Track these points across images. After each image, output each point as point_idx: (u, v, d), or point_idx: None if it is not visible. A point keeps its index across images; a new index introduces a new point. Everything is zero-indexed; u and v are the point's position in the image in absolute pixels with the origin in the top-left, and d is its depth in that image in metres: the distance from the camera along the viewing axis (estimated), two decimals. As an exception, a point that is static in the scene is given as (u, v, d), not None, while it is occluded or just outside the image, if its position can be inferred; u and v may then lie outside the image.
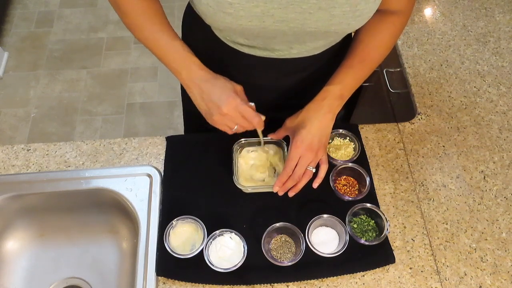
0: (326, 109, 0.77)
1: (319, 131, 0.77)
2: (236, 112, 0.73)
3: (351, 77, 0.78)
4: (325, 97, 0.78)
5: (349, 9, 0.63)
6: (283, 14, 0.64)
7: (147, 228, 0.83)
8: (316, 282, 0.78)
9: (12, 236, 0.95)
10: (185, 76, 0.74)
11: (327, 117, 0.78)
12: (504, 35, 1.16)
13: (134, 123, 2.17)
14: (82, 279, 0.95)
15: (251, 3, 0.62)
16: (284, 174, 0.78)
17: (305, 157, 0.77)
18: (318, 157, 0.79)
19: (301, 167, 0.78)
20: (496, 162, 0.93)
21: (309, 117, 0.78)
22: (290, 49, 0.76)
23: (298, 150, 0.77)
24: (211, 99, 0.73)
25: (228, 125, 0.76)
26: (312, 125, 0.77)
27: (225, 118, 0.74)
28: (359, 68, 0.79)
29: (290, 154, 0.78)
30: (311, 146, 0.77)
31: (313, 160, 0.78)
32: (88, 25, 2.56)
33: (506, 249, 0.82)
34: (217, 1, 0.62)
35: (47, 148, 0.94)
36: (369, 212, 0.82)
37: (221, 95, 0.73)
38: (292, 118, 0.81)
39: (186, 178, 0.89)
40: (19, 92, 2.28)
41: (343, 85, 0.78)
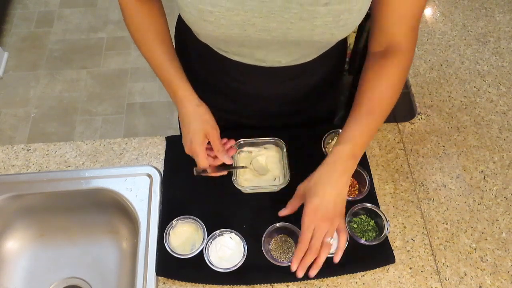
0: (340, 172, 0.70)
1: (333, 198, 0.70)
2: (195, 152, 0.79)
3: (360, 134, 0.72)
4: (336, 160, 0.71)
5: (332, 19, 0.62)
6: (264, 23, 0.63)
7: (147, 228, 0.83)
8: (316, 282, 0.78)
9: (12, 236, 0.95)
10: (179, 110, 0.81)
11: (341, 181, 0.71)
12: (504, 35, 1.16)
13: (134, 123, 2.17)
14: (82, 279, 0.95)
15: (231, 11, 0.61)
16: (300, 249, 0.71)
17: (320, 227, 0.70)
18: (334, 226, 0.71)
19: (318, 240, 0.70)
20: (496, 162, 0.93)
21: (322, 183, 0.70)
22: (278, 58, 0.75)
23: (312, 220, 0.69)
24: (184, 135, 0.82)
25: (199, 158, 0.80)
26: (325, 191, 0.70)
27: (190, 153, 0.81)
28: (368, 122, 0.72)
29: (304, 226, 0.70)
30: (326, 215, 0.69)
31: (330, 230, 0.71)
32: (88, 25, 2.56)
33: (506, 249, 0.82)
34: (198, 10, 0.62)
35: (47, 148, 0.94)
36: (369, 212, 0.82)
37: (190, 139, 0.80)
38: (304, 183, 0.74)
39: (186, 178, 0.89)
40: (19, 92, 2.28)
41: (353, 143, 0.71)
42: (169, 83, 0.80)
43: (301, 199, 0.75)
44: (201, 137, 0.79)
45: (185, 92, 0.80)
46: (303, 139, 0.93)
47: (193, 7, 0.62)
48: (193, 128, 0.80)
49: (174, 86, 0.79)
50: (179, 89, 0.79)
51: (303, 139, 0.93)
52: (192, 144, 0.79)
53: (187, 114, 0.80)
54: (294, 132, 0.93)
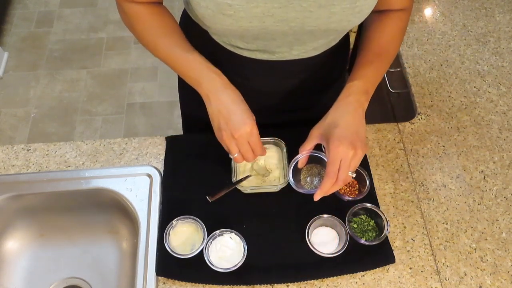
0: (355, 104, 0.71)
1: (355, 126, 0.70)
2: (246, 141, 0.71)
3: (372, 71, 0.74)
4: (350, 93, 0.72)
5: (349, 6, 0.63)
6: (283, 14, 0.64)
7: (147, 228, 0.83)
8: (316, 282, 0.78)
9: (12, 236, 0.95)
10: (205, 86, 0.71)
11: (358, 112, 0.71)
12: (504, 35, 1.16)
13: (134, 123, 2.17)
14: (82, 279, 0.95)
15: (251, 3, 0.61)
16: (327, 181, 0.69)
17: (347, 158, 0.68)
18: (358, 156, 0.69)
19: (345, 171, 0.68)
20: (496, 162, 0.93)
21: (340, 115, 0.71)
22: (290, 50, 0.76)
23: (339, 149, 0.67)
24: (229, 117, 0.70)
25: (231, 149, 0.73)
26: (347, 121, 0.70)
27: (233, 142, 0.72)
28: (378, 62, 0.76)
29: (330, 158, 0.68)
30: (352, 143, 0.68)
31: (354, 159, 0.69)
32: (88, 25, 2.56)
33: (506, 249, 0.82)
34: (217, 3, 0.62)
35: (47, 148, 0.94)
36: (369, 212, 0.82)
37: (241, 117, 0.70)
38: (319, 124, 0.74)
39: (186, 178, 0.89)
40: (19, 92, 2.28)
41: (366, 79, 0.73)
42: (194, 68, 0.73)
43: (316, 139, 0.74)
44: (253, 122, 0.71)
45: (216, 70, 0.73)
46: (303, 139, 0.93)
47: (211, 2, 0.62)
48: (242, 108, 0.71)
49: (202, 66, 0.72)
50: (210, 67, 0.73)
51: (303, 139, 0.93)
52: (247, 126, 0.70)
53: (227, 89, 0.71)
54: (294, 132, 0.93)
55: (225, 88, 0.72)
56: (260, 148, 0.74)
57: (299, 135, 0.93)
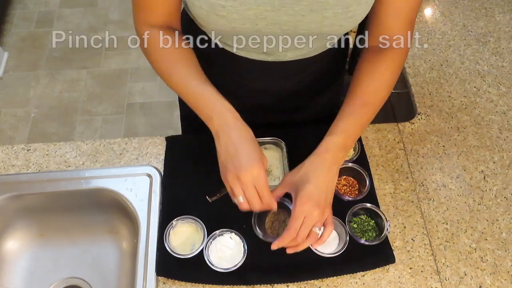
0: (331, 161, 0.69)
1: (325, 186, 0.68)
2: (252, 185, 0.66)
3: (353, 125, 0.71)
4: (327, 149, 0.70)
5: (341, 11, 0.63)
6: (275, 17, 0.64)
7: (147, 228, 0.83)
8: (316, 282, 0.78)
9: (12, 236, 0.95)
10: (217, 122, 0.68)
11: (332, 171, 0.69)
12: (504, 35, 1.16)
13: (134, 123, 2.17)
14: (82, 279, 0.95)
15: (244, 5, 0.61)
16: (287, 234, 0.67)
17: (311, 215, 0.67)
18: (324, 216, 0.69)
19: (306, 228, 0.67)
20: (496, 162, 0.93)
21: (314, 170, 0.69)
22: (285, 52, 0.76)
23: (304, 207, 0.66)
24: (236, 156, 0.66)
25: (235, 192, 0.68)
26: (318, 179, 0.68)
27: (238, 184, 0.67)
28: (361, 114, 0.72)
29: (295, 213, 0.67)
30: (319, 203, 0.67)
31: (320, 219, 0.68)
32: (88, 25, 2.56)
33: (506, 249, 0.82)
34: (210, 4, 0.62)
35: (47, 148, 0.94)
36: (369, 212, 0.82)
37: (249, 158, 0.66)
38: (293, 173, 0.72)
39: (186, 178, 0.89)
40: (19, 92, 2.28)
41: (346, 134, 0.70)
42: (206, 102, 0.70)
43: (287, 188, 0.72)
44: (261, 164, 0.67)
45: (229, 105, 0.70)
46: (303, 139, 0.93)
47: (205, 2, 0.62)
48: (251, 148, 0.67)
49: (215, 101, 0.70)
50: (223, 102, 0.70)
51: (303, 139, 0.93)
52: (253, 168, 0.66)
53: (238, 128, 0.68)
54: (294, 132, 0.93)
55: (235, 126, 0.69)
56: (268, 196, 0.68)
57: (299, 135, 0.93)
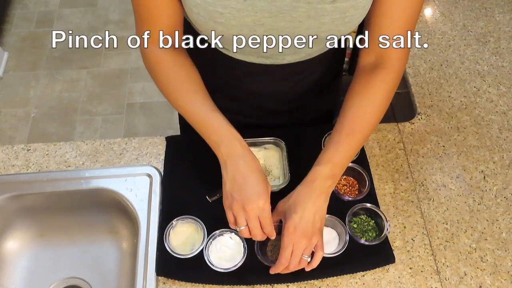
0: (318, 191, 0.70)
1: (312, 215, 0.69)
2: (256, 216, 0.68)
3: (340, 154, 0.71)
4: (315, 179, 0.70)
5: (338, 16, 0.63)
6: (273, 23, 0.64)
7: (147, 228, 0.83)
8: (316, 282, 0.78)
9: (12, 236, 0.95)
10: (225, 151, 0.69)
11: (319, 200, 0.70)
12: (504, 35, 1.16)
13: (134, 123, 2.17)
14: (82, 279, 0.95)
15: (242, 12, 0.61)
16: (279, 265, 0.71)
17: (299, 244, 0.69)
18: (312, 243, 0.70)
19: (296, 257, 0.70)
20: (496, 162, 0.93)
21: (300, 201, 0.70)
22: (283, 56, 0.76)
23: (291, 237, 0.69)
24: (243, 187, 0.68)
25: (239, 222, 0.69)
26: (305, 210, 0.69)
27: (242, 215, 0.69)
28: (348, 143, 0.72)
29: (284, 243, 0.70)
30: (305, 232, 0.69)
31: (308, 247, 0.70)
32: (88, 25, 2.56)
33: (506, 249, 0.82)
34: (208, 11, 0.62)
35: (47, 148, 0.94)
36: (369, 212, 0.82)
37: (256, 189, 0.67)
38: (284, 201, 0.74)
39: (186, 178, 0.89)
40: (19, 92, 2.28)
41: (333, 164, 0.71)
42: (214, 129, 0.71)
43: (280, 216, 0.74)
44: (267, 196, 0.69)
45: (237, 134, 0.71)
46: (303, 139, 0.93)
47: (202, 9, 0.62)
48: (258, 179, 0.68)
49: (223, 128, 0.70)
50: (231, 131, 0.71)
51: (303, 139, 0.93)
52: (260, 200, 0.67)
53: (245, 158, 0.69)
54: (294, 132, 0.93)
55: (244, 155, 0.69)
56: (270, 226, 0.71)
57: (299, 135, 0.93)
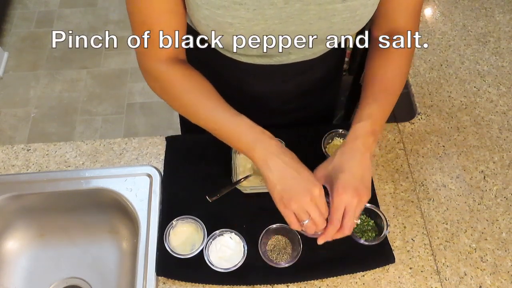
0: (362, 148, 0.68)
1: (361, 172, 0.67)
2: (316, 206, 0.66)
3: (378, 110, 0.70)
4: (357, 136, 0.68)
5: (349, 15, 0.63)
6: (283, 28, 0.64)
7: (147, 228, 0.83)
8: (316, 282, 0.78)
9: (12, 236, 0.95)
10: (262, 151, 0.66)
11: (365, 157, 0.68)
12: (504, 35, 1.16)
13: (134, 123, 2.17)
14: (82, 279, 0.95)
15: (252, 22, 0.61)
16: (332, 228, 0.66)
17: (352, 204, 0.66)
18: (363, 202, 0.67)
19: (351, 217, 0.66)
20: (496, 162, 0.93)
21: (347, 159, 0.68)
22: (288, 55, 0.76)
23: (343, 197, 0.65)
24: (295, 182, 0.65)
25: (302, 217, 0.66)
26: (352, 166, 0.67)
27: (304, 207, 0.65)
28: (384, 98, 0.71)
29: (334, 204, 0.66)
30: (357, 190, 0.66)
31: (359, 207, 0.67)
32: (88, 25, 2.56)
33: (506, 249, 0.82)
34: (217, 22, 0.61)
35: (47, 148, 0.94)
36: (368, 212, 0.82)
37: (309, 180, 0.66)
38: (324, 165, 0.71)
39: (186, 178, 0.89)
40: (19, 92, 2.28)
41: (373, 119, 0.69)
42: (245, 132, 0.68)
43: (321, 181, 0.70)
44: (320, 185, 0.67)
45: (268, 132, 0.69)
46: (303, 139, 0.93)
47: (212, 20, 0.61)
48: (307, 172, 0.66)
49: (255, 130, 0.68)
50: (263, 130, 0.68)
51: (303, 139, 0.93)
52: (316, 187, 0.65)
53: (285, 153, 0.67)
54: (294, 132, 0.93)
55: (282, 151, 0.67)
56: (326, 210, 0.68)
57: (299, 135, 0.93)
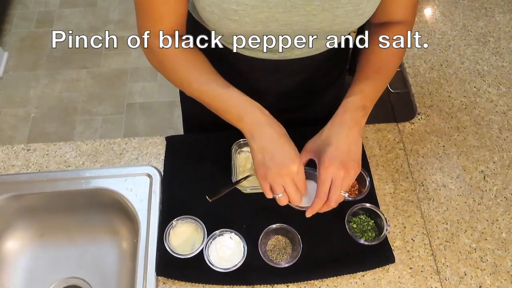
0: (351, 122, 0.69)
1: (347, 146, 0.67)
2: (292, 180, 0.67)
3: (370, 87, 0.72)
4: (346, 110, 0.69)
5: (352, 9, 0.64)
6: (287, 18, 0.64)
7: (147, 228, 0.83)
8: (316, 282, 0.78)
9: (12, 236, 0.95)
10: (249, 122, 0.68)
11: (353, 131, 0.68)
12: (504, 35, 1.16)
13: (134, 123, 2.17)
14: (82, 279, 0.95)
15: (256, 9, 0.62)
16: (318, 201, 0.68)
17: (338, 176, 0.66)
18: (351, 177, 0.68)
19: (337, 189, 0.67)
20: (496, 162, 0.93)
21: (334, 133, 0.69)
22: (292, 50, 0.76)
23: (329, 170, 0.66)
24: (276, 154, 0.67)
25: (276, 189, 0.68)
26: (339, 140, 0.68)
27: (278, 178, 0.67)
28: (376, 78, 0.73)
29: (321, 177, 0.67)
30: (343, 163, 0.66)
31: (346, 179, 0.67)
32: (88, 25, 2.56)
33: (506, 249, 0.82)
34: (222, 8, 0.62)
35: (47, 148, 0.94)
36: (368, 212, 0.82)
37: (289, 154, 0.67)
38: (314, 139, 0.73)
39: (186, 178, 0.89)
40: (19, 92, 2.28)
41: (364, 94, 0.70)
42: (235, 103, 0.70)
43: (310, 155, 0.72)
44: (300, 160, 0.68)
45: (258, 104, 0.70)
46: (303, 139, 0.93)
47: (216, 6, 0.62)
48: (290, 145, 0.68)
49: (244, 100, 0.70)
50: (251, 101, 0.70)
51: (303, 139, 0.93)
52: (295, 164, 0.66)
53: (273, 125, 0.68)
54: (294, 132, 0.93)
55: (269, 124, 0.69)
56: (305, 187, 0.70)
57: (299, 134, 0.93)
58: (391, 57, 0.76)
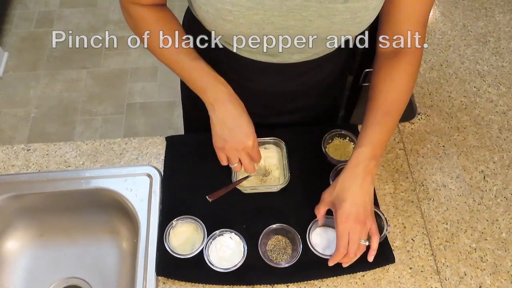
0: (363, 174, 0.72)
1: (362, 199, 0.71)
2: (247, 153, 0.76)
3: (379, 134, 0.73)
4: (358, 163, 0.72)
5: (350, 17, 0.63)
6: (283, 22, 0.64)
7: (147, 228, 0.83)
8: (316, 282, 0.78)
9: (12, 236, 0.95)
10: (211, 95, 0.73)
11: (366, 182, 0.72)
12: (504, 35, 1.16)
13: (134, 123, 2.17)
14: (82, 279, 0.95)
15: (251, 10, 0.61)
16: (338, 253, 0.72)
17: (355, 231, 0.71)
18: (367, 227, 0.72)
19: (354, 243, 0.71)
20: (496, 162, 0.93)
21: (348, 187, 0.72)
22: (290, 55, 0.76)
23: (345, 225, 0.71)
24: (234, 129, 0.74)
25: (232, 160, 0.77)
26: (354, 195, 0.71)
27: (235, 152, 0.75)
28: (386, 122, 0.73)
29: (339, 232, 0.72)
30: (358, 218, 0.71)
31: (363, 232, 0.72)
32: (88, 25, 2.56)
33: (506, 249, 0.82)
34: (217, 8, 0.62)
35: (47, 148, 0.94)
36: (369, 212, 0.82)
37: (246, 130, 0.74)
38: (329, 190, 0.76)
39: (186, 178, 0.89)
40: (19, 92, 2.28)
41: (374, 144, 0.72)
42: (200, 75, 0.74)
43: (327, 206, 0.77)
44: (254, 134, 0.76)
45: (221, 79, 0.75)
46: (303, 139, 0.93)
47: (211, 6, 0.62)
48: (247, 120, 0.75)
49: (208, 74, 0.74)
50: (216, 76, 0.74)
51: (303, 139, 0.93)
52: (250, 140, 0.74)
53: (232, 100, 0.74)
54: (294, 132, 0.93)
55: (230, 99, 0.74)
56: (259, 157, 0.79)
57: (299, 135, 0.93)
58: (400, 96, 0.75)
